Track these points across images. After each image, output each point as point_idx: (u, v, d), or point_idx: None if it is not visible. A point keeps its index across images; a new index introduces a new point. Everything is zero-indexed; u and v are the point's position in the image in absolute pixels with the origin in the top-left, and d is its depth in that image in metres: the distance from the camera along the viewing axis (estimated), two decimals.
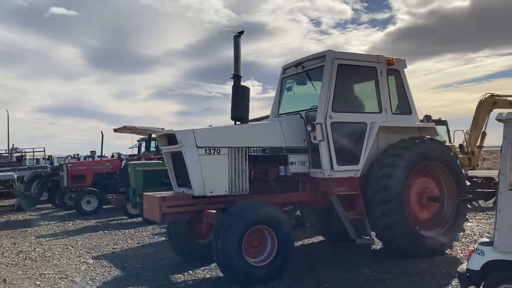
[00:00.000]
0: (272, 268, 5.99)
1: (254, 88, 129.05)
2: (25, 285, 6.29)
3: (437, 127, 8.11)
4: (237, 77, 7.03)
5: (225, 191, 6.45)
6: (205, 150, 6.34)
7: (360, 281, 5.96)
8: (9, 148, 31.47)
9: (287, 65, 8.23)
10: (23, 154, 28.47)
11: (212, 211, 6.51)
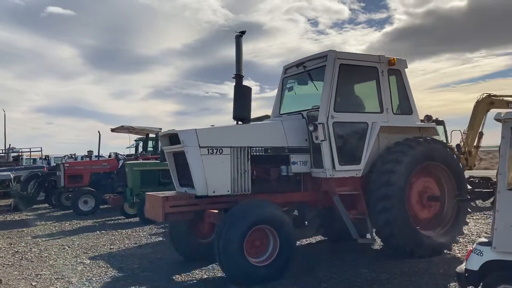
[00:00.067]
0: (274, 268, 5.99)
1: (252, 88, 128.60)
2: (21, 285, 6.25)
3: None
4: (239, 77, 7.03)
5: (228, 191, 6.45)
6: (208, 150, 6.34)
7: (358, 281, 5.95)
8: (5, 148, 31.33)
9: (288, 65, 8.22)
10: (20, 154, 28.35)
11: (214, 211, 6.50)
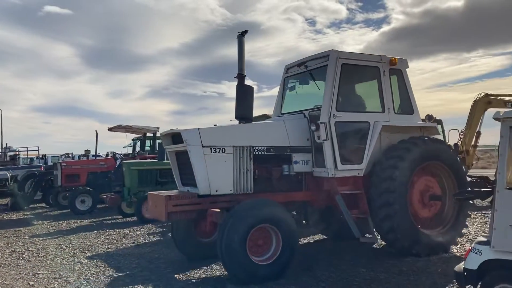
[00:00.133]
0: (276, 266, 6.01)
1: None
2: (19, 285, 6.22)
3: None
4: (241, 76, 7.03)
5: (230, 190, 6.47)
6: (210, 149, 6.36)
7: (356, 280, 5.95)
8: (2, 147, 31.26)
9: (289, 65, 8.23)
10: (17, 153, 28.28)
11: (216, 210, 6.49)
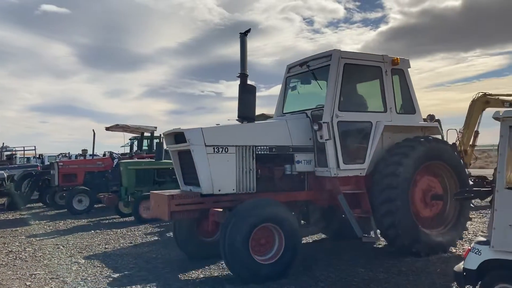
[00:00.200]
0: (279, 266, 6.01)
1: None
2: (15, 285, 6.18)
3: None
4: (243, 76, 7.03)
5: (233, 189, 6.49)
6: (213, 148, 6.38)
7: (355, 280, 5.94)
8: None
9: (291, 64, 8.23)
10: (14, 152, 28.18)
11: (219, 209, 6.49)
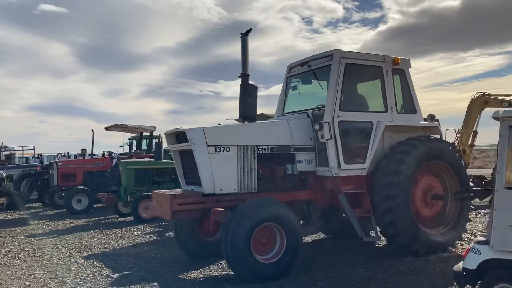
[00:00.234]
0: (281, 265, 6.03)
1: None
2: (14, 285, 6.17)
3: None
4: (245, 75, 7.03)
5: (234, 189, 6.52)
6: (215, 148, 6.40)
7: (354, 280, 5.94)
8: None
9: (292, 64, 8.25)
10: (12, 152, 28.15)
11: (220, 209, 6.50)
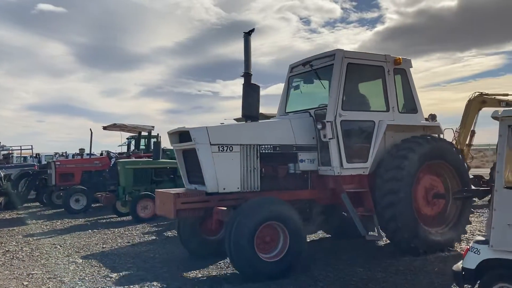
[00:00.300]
0: (284, 263, 6.05)
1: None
2: (13, 285, 6.15)
3: None
4: (247, 75, 7.05)
5: (237, 188, 6.54)
6: (218, 147, 6.43)
7: (353, 279, 5.94)
8: None
9: (294, 64, 8.27)
10: (10, 152, 28.04)
11: (222, 208, 6.51)
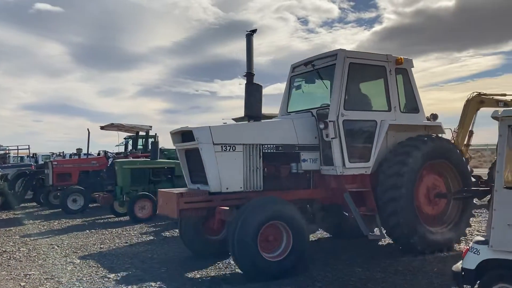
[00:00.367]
0: (287, 263, 6.05)
1: (240, 86, 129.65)
2: (10, 286, 6.11)
3: None
4: (250, 75, 7.05)
5: (240, 187, 6.56)
6: (221, 147, 6.44)
7: (352, 280, 5.93)
8: None
9: (296, 64, 8.28)
10: (7, 151, 28.00)
11: (225, 207, 6.50)
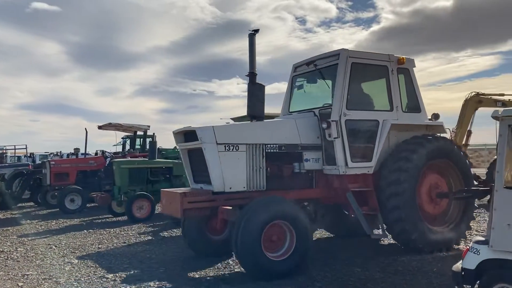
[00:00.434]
0: (290, 262, 6.05)
1: (238, 86, 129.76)
2: (7, 286, 6.08)
3: None
4: (252, 74, 7.04)
5: (243, 187, 6.56)
6: (225, 146, 6.44)
7: (351, 280, 5.92)
8: None
9: (298, 64, 8.28)
10: (4, 151, 27.92)
11: (228, 207, 6.50)
